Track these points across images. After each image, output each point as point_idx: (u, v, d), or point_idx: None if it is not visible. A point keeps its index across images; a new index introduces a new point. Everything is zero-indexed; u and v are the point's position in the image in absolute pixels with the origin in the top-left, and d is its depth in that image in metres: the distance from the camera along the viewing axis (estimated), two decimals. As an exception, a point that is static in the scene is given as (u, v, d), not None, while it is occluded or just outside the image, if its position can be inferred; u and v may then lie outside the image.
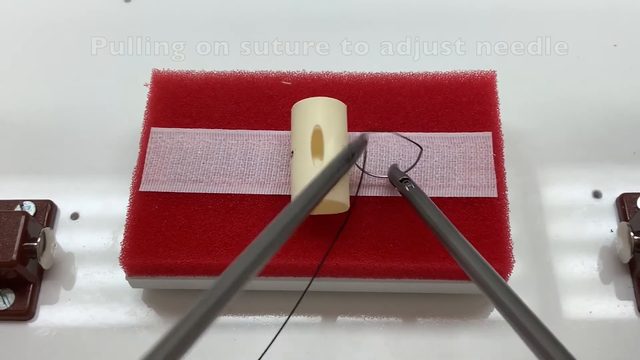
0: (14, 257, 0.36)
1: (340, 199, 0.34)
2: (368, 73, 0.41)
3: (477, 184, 0.37)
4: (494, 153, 0.38)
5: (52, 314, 0.39)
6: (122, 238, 0.36)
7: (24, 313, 0.38)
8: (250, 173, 0.38)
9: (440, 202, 0.37)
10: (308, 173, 0.34)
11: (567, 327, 0.37)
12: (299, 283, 0.35)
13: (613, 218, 0.41)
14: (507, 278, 0.36)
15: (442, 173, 0.38)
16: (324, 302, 0.38)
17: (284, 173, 0.38)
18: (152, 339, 0.38)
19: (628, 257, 0.38)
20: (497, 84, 0.40)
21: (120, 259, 0.36)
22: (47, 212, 0.41)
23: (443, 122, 0.39)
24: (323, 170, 0.32)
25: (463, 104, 0.40)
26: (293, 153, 0.36)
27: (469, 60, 0.42)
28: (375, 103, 0.40)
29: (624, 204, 0.40)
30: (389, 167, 0.37)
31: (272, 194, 0.37)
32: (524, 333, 0.26)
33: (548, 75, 0.47)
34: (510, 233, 0.36)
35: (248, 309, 0.39)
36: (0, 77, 0.48)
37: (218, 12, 0.51)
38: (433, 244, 0.36)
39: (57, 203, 0.42)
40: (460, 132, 0.39)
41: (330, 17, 0.51)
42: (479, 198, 0.37)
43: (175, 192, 0.38)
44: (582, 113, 0.45)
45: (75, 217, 0.42)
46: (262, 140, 0.39)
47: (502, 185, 0.37)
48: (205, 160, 0.38)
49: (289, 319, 0.38)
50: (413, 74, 0.41)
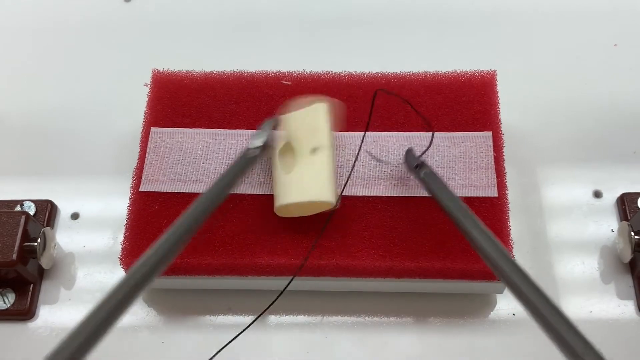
0: (14, 256, 0.36)
1: (312, 197, 0.34)
2: (368, 73, 0.41)
3: (477, 184, 0.37)
4: (494, 153, 0.38)
5: (52, 314, 0.39)
6: (122, 238, 0.36)
7: (24, 313, 0.38)
8: (250, 173, 0.38)
9: (441, 201, 0.37)
10: (276, 182, 0.36)
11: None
12: (300, 282, 0.36)
13: (613, 218, 0.41)
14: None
15: (442, 173, 0.38)
16: (324, 302, 0.38)
17: (284, 173, 0.38)
18: (152, 339, 0.38)
19: (628, 256, 0.38)
20: (497, 84, 0.40)
21: (121, 259, 0.36)
22: (47, 212, 0.41)
23: (443, 121, 0.39)
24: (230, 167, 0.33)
25: (463, 104, 0.40)
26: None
27: (469, 60, 0.42)
28: (376, 102, 0.40)
29: (625, 204, 0.40)
30: (405, 151, 0.37)
31: (272, 194, 0.37)
32: (538, 316, 0.26)
33: (548, 75, 0.47)
34: (511, 233, 0.36)
35: (249, 309, 0.39)
36: (1, 77, 0.48)
37: (218, 12, 0.51)
38: (433, 244, 0.36)
39: (57, 203, 0.42)
40: (461, 131, 0.39)
41: (330, 17, 0.51)
42: (479, 198, 0.37)
43: (175, 192, 0.38)
44: (582, 113, 0.45)
45: (76, 217, 0.42)
46: (262, 140, 0.39)
47: (502, 185, 0.37)
48: (205, 160, 0.38)
49: (289, 319, 0.38)
50: (413, 74, 0.41)
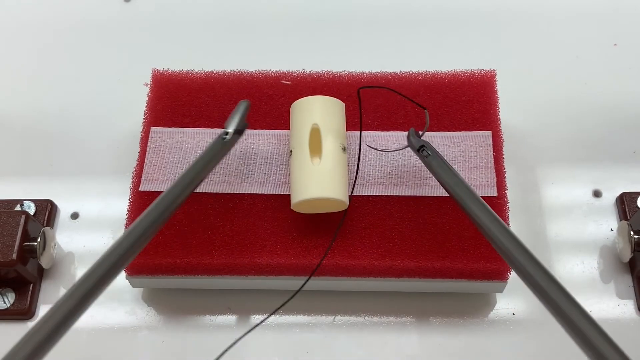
0: (14, 256, 0.36)
1: (340, 197, 0.34)
2: (368, 72, 0.41)
3: (476, 183, 0.37)
4: (494, 152, 0.38)
5: (52, 314, 0.39)
6: (121, 237, 0.36)
7: (24, 312, 0.38)
8: (250, 172, 0.38)
9: (441, 200, 0.37)
10: (306, 172, 0.34)
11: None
12: (300, 282, 0.35)
13: (613, 217, 0.41)
14: (507, 277, 0.36)
15: (441, 172, 0.38)
16: (324, 301, 0.38)
17: (284, 172, 0.38)
18: (152, 339, 0.38)
19: (628, 256, 0.38)
20: (496, 83, 0.40)
21: (120, 259, 0.36)
22: (47, 211, 0.41)
23: (443, 121, 0.39)
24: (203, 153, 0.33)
25: (463, 103, 0.40)
26: (291, 152, 0.36)
27: (469, 60, 0.42)
28: (375, 102, 0.40)
29: (624, 203, 0.40)
30: (408, 132, 0.36)
31: (271, 193, 0.37)
32: (543, 296, 0.27)
33: (548, 74, 0.47)
34: (510, 232, 0.36)
35: (249, 308, 0.39)
36: (0, 77, 0.48)
37: (218, 12, 0.51)
38: (433, 243, 0.36)
39: (57, 203, 0.42)
40: (460, 131, 0.39)
41: (330, 17, 0.51)
42: (479, 197, 0.37)
43: (175, 191, 0.38)
44: (582, 112, 0.45)
45: (75, 216, 0.42)
46: (261, 140, 0.39)
47: (502, 184, 0.37)
48: (205, 160, 0.38)
49: (289, 319, 0.38)
50: (413, 73, 0.41)
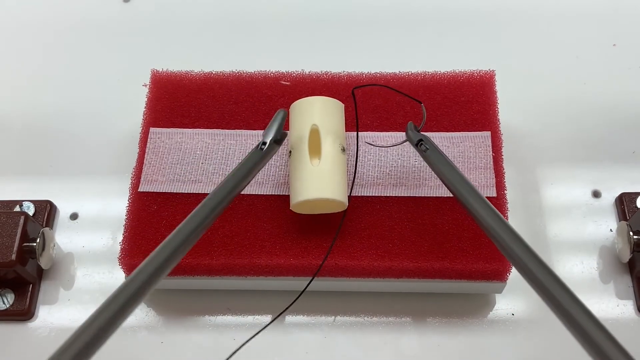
0: (14, 257, 0.36)
1: (339, 197, 0.34)
2: (367, 73, 0.41)
3: (476, 184, 0.37)
4: (493, 152, 0.38)
5: (51, 314, 0.39)
6: (121, 238, 0.36)
7: (24, 313, 0.38)
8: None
9: (440, 201, 0.37)
10: (305, 172, 0.34)
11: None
12: (299, 283, 0.36)
13: (612, 217, 0.41)
14: (506, 278, 0.36)
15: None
16: (324, 302, 0.38)
17: (283, 173, 0.38)
18: (152, 339, 0.38)
19: (627, 256, 0.38)
20: (496, 84, 0.40)
21: (120, 259, 0.36)
22: (46, 212, 0.41)
23: (442, 121, 0.39)
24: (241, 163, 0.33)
25: (462, 104, 0.40)
26: (291, 153, 0.36)
27: (468, 60, 0.42)
28: (374, 103, 0.40)
29: (624, 204, 0.40)
30: (406, 126, 0.35)
31: (270, 194, 0.37)
32: (542, 290, 0.26)
33: (548, 75, 0.47)
34: (510, 232, 0.36)
35: (248, 309, 0.39)
36: (0, 77, 0.48)
37: (218, 12, 0.51)
38: (432, 244, 0.36)
39: (56, 203, 0.42)
40: (459, 131, 0.39)
41: (330, 17, 0.51)
42: (478, 197, 0.37)
43: (175, 192, 0.38)
44: (581, 113, 0.45)
45: (75, 217, 0.42)
46: (261, 140, 0.39)
47: (501, 185, 0.37)
48: (204, 161, 0.38)
49: (288, 319, 0.38)
50: (412, 74, 0.41)
